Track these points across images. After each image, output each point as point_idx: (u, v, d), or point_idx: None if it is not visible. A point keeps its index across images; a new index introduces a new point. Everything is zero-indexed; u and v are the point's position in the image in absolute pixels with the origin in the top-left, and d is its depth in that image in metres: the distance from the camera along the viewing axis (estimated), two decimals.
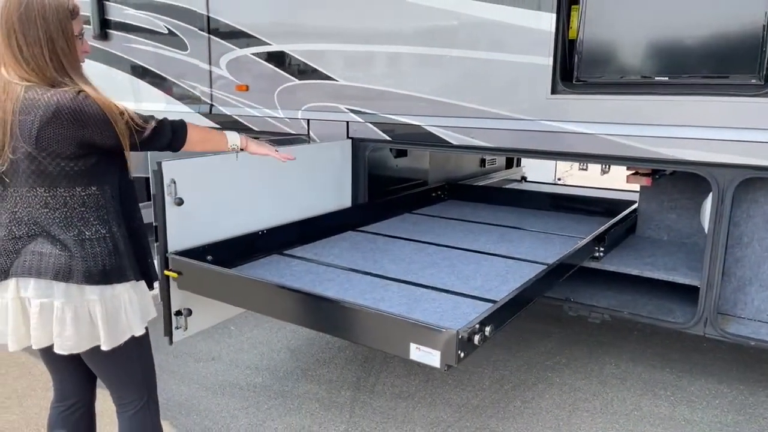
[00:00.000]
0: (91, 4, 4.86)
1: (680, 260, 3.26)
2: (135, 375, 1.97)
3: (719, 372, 3.44)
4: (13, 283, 1.74)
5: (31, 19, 1.65)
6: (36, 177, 1.68)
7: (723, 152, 2.67)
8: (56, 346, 1.76)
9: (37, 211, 1.72)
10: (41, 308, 1.73)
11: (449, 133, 3.38)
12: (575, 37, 3.01)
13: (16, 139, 1.64)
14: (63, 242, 1.72)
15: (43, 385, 3.21)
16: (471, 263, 2.95)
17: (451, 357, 1.87)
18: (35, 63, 1.67)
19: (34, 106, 1.62)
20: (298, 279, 2.66)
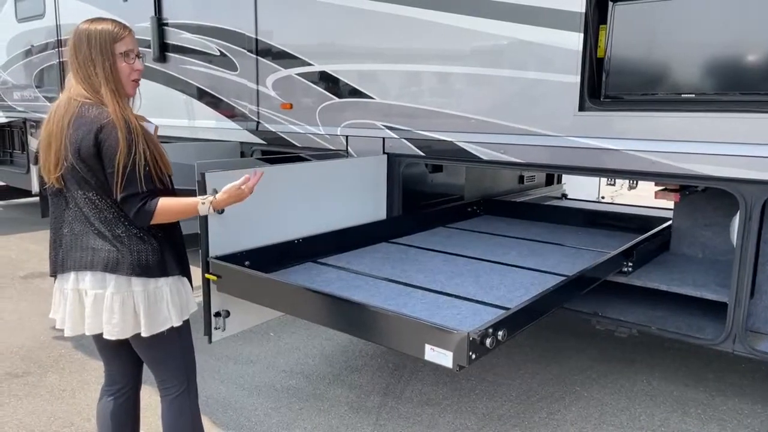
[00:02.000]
0: (152, 29, 5.23)
1: (711, 277, 3.24)
2: (175, 362, 2.16)
3: (754, 392, 3.37)
4: (72, 275, 1.97)
5: (82, 42, 1.93)
6: (84, 182, 1.92)
7: (750, 168, 2.67)
8: (105, 333, 1.97)
9: (90, 212, 1.94)
10: (95, 298, 1.95)
11: (480, 149, 3.49)
12: (603, 56, 3.08)
13: (67, 149, 1.89)
14: (111, 239, 1.94)
15: (96, 380, 3.46)
16: (497, 275, 3.03)
17: (462, 358, 1.97)
18: (88, 82, 1.93)
19: (82, 123, 1.87)
20: (328, 284, 2.81)
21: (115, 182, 1.88)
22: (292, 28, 4.36)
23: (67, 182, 1.94)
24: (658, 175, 2.95)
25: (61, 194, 1.98)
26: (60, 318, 2.04)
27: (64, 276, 2.00)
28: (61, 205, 1.99)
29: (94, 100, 1.92)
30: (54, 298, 2.08)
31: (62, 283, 2.01)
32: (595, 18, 3.06)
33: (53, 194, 2.00)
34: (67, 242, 1.97)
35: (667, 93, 2.93)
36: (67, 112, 1.89)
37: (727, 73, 2.77)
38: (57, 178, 1.92)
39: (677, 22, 2.87)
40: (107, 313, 1.95)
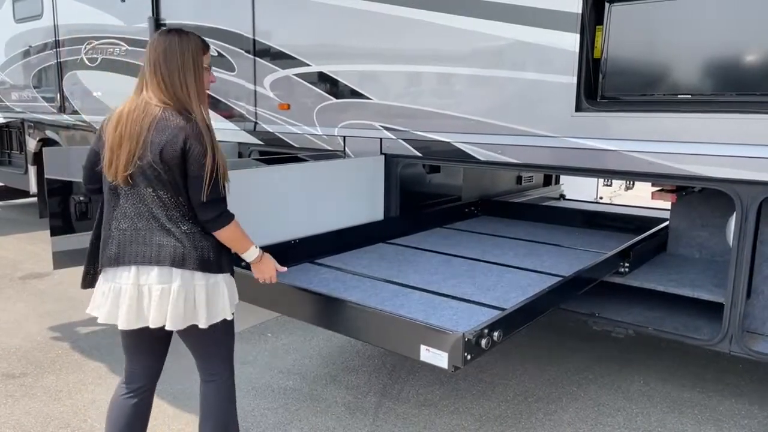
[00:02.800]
0: (149, 29, 5.23)
1: (708, 277, 3.24)
2: (223, 352, 2.25)
3: (752, 393, 3.37)
4: (133, 270, 2.00)
5: (173, 52, 2.02)
6: (156, 181, 1.98)
7: (746, 169, 2.68)
8: (168, 324, 2.01)
9: (157, 209, 2.00)
10: (161, 293, 2.00)
11: (477, 150, 3.49)
12: (599, 57, 3.09)
13: (146, 149, 1.95)
14: (177, 236, 2.00)
15: (93, 381, 3.46)
16: (494, 275, 3.04)
17: (457, 358, 1.98)
18: (173, 89, 2.01)
19: (166, 127, 1.96)
20: (325, 285, 2.81)
21: (204, 186, 1.97)
22: (289, 28, 4.36)
23: (136, 180, 1.99)
24: (654, 176, 2.96)
25: (116, 191, 2.03)
26: (106, 313, 2.05)
27: (119, 270, 2.02)
28: (118, 201, 2.03)
29: (175, 106, 2.01)
30: (98, 293, 2.11)
31: (116, 278, 2.03)
32: (592, 19, 3.06)
33: (109, 191, 2.06)
34: (127, 237, 2.01)
35: (664, 94, 2.94)
36: (147, 115, 1.97)
37: (723, 73, 2.78)
38: (125, 175, 1.97)
39: (673, 23, 2.88)
40: (172, 306, 2.00)
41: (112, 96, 5.99)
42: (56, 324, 4.32)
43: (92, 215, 4.15)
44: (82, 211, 4.12)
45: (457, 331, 1.97)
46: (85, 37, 6.12)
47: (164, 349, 2.29)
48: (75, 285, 5.16)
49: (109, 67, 5.91)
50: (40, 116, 7.09)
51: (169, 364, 3.65)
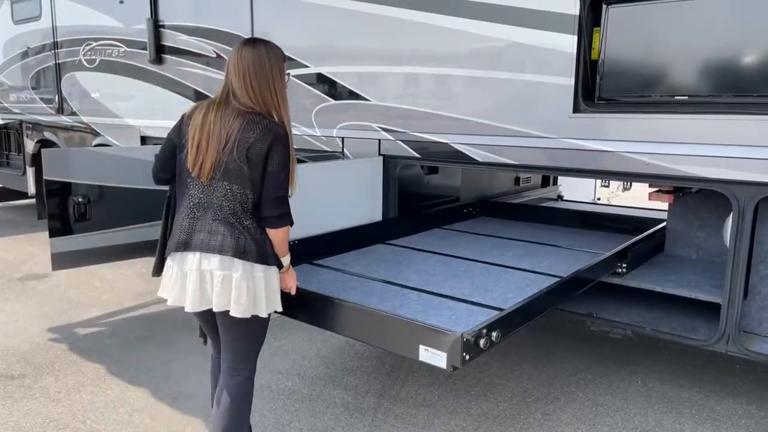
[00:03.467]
0: (148, 31, 5.24)
1: (705, 278, 3.25)
2: (255, 347, 2.38)
3: (750, 393, 3.38)
4: (198, 256, 2.15)
5: (262, 63, 2.18)
6: (236, 176, 2.14)
7: (742, 170, 2.69)
8: (232, 311, 2.15)
9: (226, 202, 2.16)
10: (223, 279, 2.14)
11: (475, 151, 3.50)
12: (597, 58, 3.10)
13: (233, 148, 2.11)
14: (241, 229, 2.15)
15: (92, 382, 3.46)
16: (492, 276, 3.04)
17: (456, 358, 2.00)
18: (262, 96, 2.17)
19: (254, 128, 2.12)
20: (324, 287, 2.81)
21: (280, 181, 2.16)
22: (288, 30, 4.37)
23: (218, 174, 2.15)
24: (651, 177, 2.97)
25: (189, 182, 2.20)
26: (174, 295, 2.22)
27: (185, 255, 2.18)
28: (190, 191, 2.21)
29: (260, 110, 2.17)
30: (166, 277, 2.26)
31: (182, 262, 2.19)
32: (589, 20, 3.07)
33: (182, 181, 2.24)
34: (196, 225, 2.18)
35: (661, 95, 2.95)
36: (236, 119, 2.13)
37: (719, 75, 2.79)
38: (210, 173, 2.14)
39: (670, 25, 2.89)
40: (236, 294, 2.14)
41: (110, 97, 5.99)
42: (55, 325, 4.32)
43: (91, 216, 4.17)
44: (81, 212, 4.12)
45: (455, 332, 1.99)
46: (83, 38, 6.12)
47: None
48: (74, 286, 5.16)
49: (107, 69, 5.91)
50: (38, 117, 7.09)
51: (170, 365, 3.67)
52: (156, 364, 3.71)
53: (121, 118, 5.87)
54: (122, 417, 3.09)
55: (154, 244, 4.56)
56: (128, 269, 5.63)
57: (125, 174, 4.39)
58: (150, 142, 5.60)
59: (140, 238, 4.55)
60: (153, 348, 3.95)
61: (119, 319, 4.48)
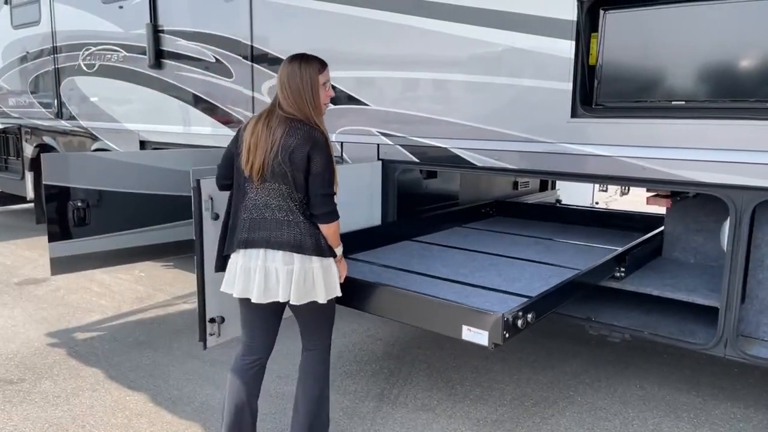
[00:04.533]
0: (147, 36, 5.25)
1: (703, 282, 3.27)
2: (329, 324, 2.64)
3: (747, 397, 3.39)
4: (262, 252, 2.38)
5: (295, 74, 2.41)
6: (283, 178, 2.35)
7: (739, 174, 2.71)
8: (293, 299, 2.37)
9: (282, 201, 2.38)
10: (286, 273, 2.36)
11: (474, 155, 3.52)
12: (594, 63, 3.12)
13: (278, 151, 2.33)
14: (294, 225, 2.37)
15: (91, 386, 3.46)
16: (516, 269, 3.29)
17: (497, 336, 2.26)
18: (298, 105, 2.39)
19: (295, 134, 2.35)
20: (364, 277, 2.94)
21: (324, 181, 2.37)
22: (287, 35, 4.39)
23: (267, 176, 2.37)
24: (649, 182, 2.99)
25: (246, 185, 2.42)
26: (239, 289, 2.42)
27: (248, 252, 2.40)
28: (248, 194, 2.42)
29: (301, 117, 2.38)
30: (230, 272, 2.47)
31: (247, 259, 2.40)
32: (587, 26, 3.10)
33: (240, 185, 2.46)
34: (255, 224, 2.39)
35: (658, 100, 2.97)
36: (279, 125, 2.37)
37: (717, 80, 2.81)
38: (259, 172, 2.36)
39: (668, 30, 2.91)
40: (295, 285, 2.35)
41: (109, 102, 6.01)
42: (54, 330, 4.32)
43: (90, 221, 4.17)
44: (80, 216, 4.13)
45: (497, 312, 2.24)
46: (82, 43, 6.14)
47: (278, 325, 2.63)
48: (73, 291, 5.16)
49: (106, 73, 5.92)
50: (37, 122, 7.10)
51: (169, 370, 3.67)
52: (155, 368, 3.71)
53: (120, 123, 5.88)
54: (121, 421, 3.09)
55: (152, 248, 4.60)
56: (127, 274, 5.63)
57: (124, 178, 4.40)
58: (149, 147, 5.61)
59: (139, 242, 4.56)
60: (152, 352, 3.95)
61: (118, 323, 4.48)
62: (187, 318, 4.53)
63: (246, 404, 2.56)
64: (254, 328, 2.59)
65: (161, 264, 5.94)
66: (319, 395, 2.63)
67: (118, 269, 5.50)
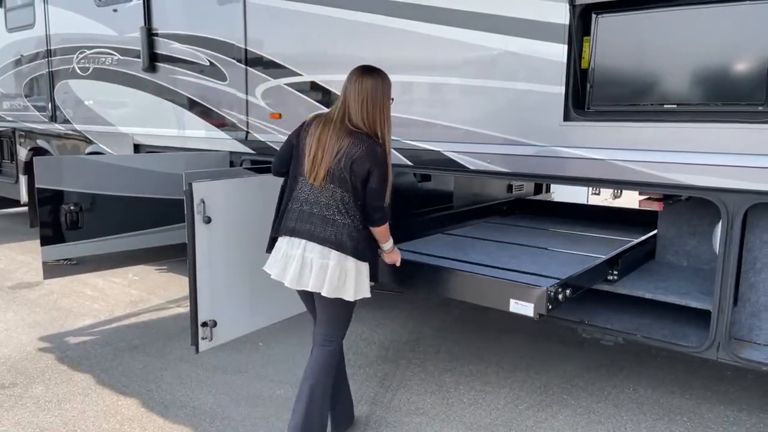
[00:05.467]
0: (141, 39, 5.25)
1: (695, 285, 3.27)
2: (347, 323, 2.77)
3: (740, 400, 3.40)
4: (303, 243, 2.56)
5: (377, 90, 2.57)
6: (342, 183, 2.52)
7: (731, 178, 2.71)
8: (325, 291, 2.53)
9: (333, 202, 2.54)
10: (320, 266, 2.53)
11: (467, 159, 3.52)
12: (587, 67, 3.13)
13: (341, 160, 2.50)
14: (342, 225, 2.53)
15: (83, 391, 3.45)
16: (546, 257, 3.56)
17: (542, 308, 2.64)
18: (372, 121, 2.55)
19: (359, 145, 2.50)
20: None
21: (381, 195, 2.56)
22: (281, 38, 4.39)
23: (328, 178, 2.53)
24: (641, 185, 2.99)
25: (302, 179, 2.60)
26: (276, 272, 2.62)
27: (293, 240, 2.58)
28: (303, 187, 2.60)
29: (366, 130, 2.54)
30: (275, 256, 2.66)
31: (290, 247, 2.59)
32: (579, 29, 3.10)
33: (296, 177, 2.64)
34: (305, 216, 2.57)
35: (650, 103, 2.97)
36: (346, 135, 2.52)
37: (708, 83, 2.82)
38: (323, 177, 2.52)
39: (660, 34, 2.92)
40: (329, 279, 2.52)
41: (103, 105, 5.99)
42: (46, 334, 4.30)
43: (83, 225, 4.16)
44: (73, 220, 4.12)
45: (542, 286, 2.61)
46: (76, 46, 6.12)
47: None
48: (66, 295, 5.14)
49: (101, 77, 5.91)
50: (31, 125, 7.07)
51: (162, 374, 3.66)
52: (148, 372, 3.70)
53: (114, 126, 5.87)
54: (113, 426, 3.08)
55: (146, 252, 4.58)
56: (120, 278, 5.61)
57: (118, 182, 4.39)
58: (143, 150, 5.60)
59: (133, 246, 4.55)
60: (145, 357, 3.93)
61: (111, 327, 4.47)
62: (180, 322, 4.51)
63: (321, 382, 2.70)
64: (311, 311, 2.80)
65: (155, 267, 5.92)
66: (309, 401, 2.65)
67: (111, 273, 5.48)
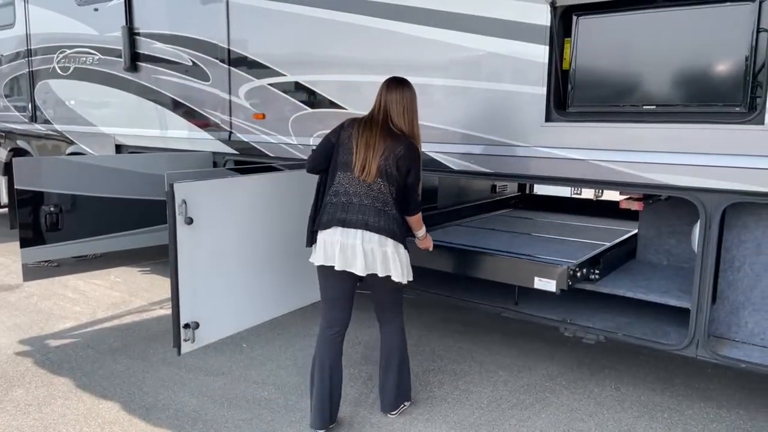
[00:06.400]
0: (123, 39, 5.20)
1: (675, 284, 3.31)
2: (402, 300, 3.09)
3: (720, 397, 3.44)
4: (359, 233, 2.78)
5: (414, 99, 2.93)
6: (389, 178, 2.82)
7: (709, 177, 2.76)
8: (394, 276, 2.84)
9: (381, 195, 2.81)
10: (383, 254, 2.80)
11: (450, 159, 3.53)
12: (568, 68, 3.15)
13: (388, 156, 2.79)
14: (392, 216, 2.82)
15: (63, 394, 3.41)
16: (557, 244, 3.93)
17: (563, 284, 3.07)
18: (412, 123, 2.90)
19: (400, 143, 2.81)
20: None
21: (417, 189, 2.92)
22: (264, 38, 4.37)
23: (375, 173, 2.79)
24: (622, 185, 3.02)
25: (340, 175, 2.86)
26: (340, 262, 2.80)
27: (347, 231, 2.79)
28: (342, 181, 2.85)
29: (406, 132, 2.86)
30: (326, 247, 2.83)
31: (345, 236, 2.79)
32: (560, 31, 3.13)
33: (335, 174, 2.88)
34: (353, 208, 2.80)
35: (630, 104, 3.01)
36: (390, 136, 2.82)
37: (686, 85, 2.86)
38: (374, 174, 2.78)
39: (639, 36, 2.95)
40: (389, 263, 2.81)
41: (84, 105, 5.93)
42: (26, 337, 4.24)
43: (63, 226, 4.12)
44: (53, 222, 4.08)
45: (563, 265, 3.06)
46: (57, 46, 6.06)
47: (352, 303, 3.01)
48: (46, 297, 5.08)
49: (81, 77, 5.85)
50: (11, 126, 6.98)
51: (144, 377, 3.63)
52: (129, 375, 3.66)
53: (96, 127, 5.81)
54: (94, 429, 3.05)
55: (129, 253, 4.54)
56: (102, 279, 5.55)
57: (99, 183, 4.35)
58: (125, 151, 5.55)
59: (114, 247, 4.51)
60: (126, 359, 3.89)
61: (92, 330, 4.42)
62: (163, 324, 4.47)
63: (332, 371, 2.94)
64: (336, 304, 2.95)
65: (138, 269, 5.87)
66: (400, 361, 3.07)
67: (93, 275, 5.42)
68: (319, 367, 2.94)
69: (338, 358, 2.99)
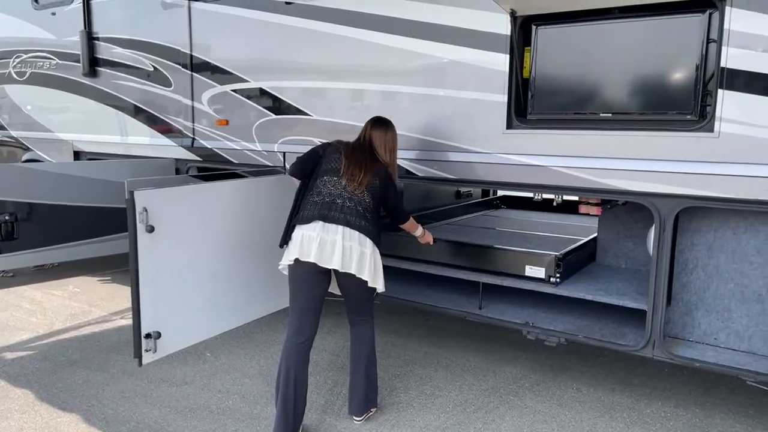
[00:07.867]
0: (81, 43, 5.10)
1: (633, 286, 3.41)
2: (371, 301, 3.17)
3: (677, 396, 3.55)
4: (341, 229, 2.88)
5: (395, 139, 3.17)
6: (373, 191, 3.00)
7: (662, 183, 2.85)
8: (366, 277, 2.92)
9: (364, 204, 2.96)
10: (361, 253, 2.91)
11: (416, 166, 3.57)
12: (528, 76, 3.22)
13: (374, 176, 3.01)
14: (371, 221, 2.96)
15: (20, 408, 3.30)
16: (540, 239, 4.17)
17: (551, 271, 3.35)
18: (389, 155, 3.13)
19: (382, 172, 3.06)
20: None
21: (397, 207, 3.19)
22: (227, 44, 4.34)
23: (362, 185, 2.97)
24: (580, 190, 3.10)
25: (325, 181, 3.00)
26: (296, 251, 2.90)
27: (328, 226, 2.90)
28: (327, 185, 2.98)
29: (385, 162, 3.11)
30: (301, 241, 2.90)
31: (325, 231, 2.89)
32: (520, 40, 3.20)
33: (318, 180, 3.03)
34: (336, 207, 2.92)
35: (588, 112, 3.09)
36: (375, 161, 3.07)
37: (641, 93, 2.95)
38: (365, 184, 2.98)
39: (596, 45, 3.04)
40: (369, 266, 2.93)
41: (41, 111, 5.78)
42: None
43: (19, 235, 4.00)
44: (8, 230, 3.96)
45: (551, 254, 3.32)
46: (13, 50, 5.89)
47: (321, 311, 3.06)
48: (2, 309, 4.92)
49: (38, 82, 5.70)
50: None
51: (103, 389, 3.55)
52: (88, 388, 3.57)
53: (53, 133, 5.67)
54: None
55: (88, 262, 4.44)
56: (60, 290, 5.41)
57: (57, 191, 4.25)
58: (84, 157, 5.43)
59: (73, 257, 4.40)
60: (86, 371, 3.80)
61: (50, 342, 4.29)
62: (123, 334, 4.38)
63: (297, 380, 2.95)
64: (309, 312, 2.99)
65: (98, 279, 5.74)
66: (368, 364, 3.15)
67: (51, 285, 5.28)
68: (284, 375, 2.94)
69: (304, 366, 2.99)
